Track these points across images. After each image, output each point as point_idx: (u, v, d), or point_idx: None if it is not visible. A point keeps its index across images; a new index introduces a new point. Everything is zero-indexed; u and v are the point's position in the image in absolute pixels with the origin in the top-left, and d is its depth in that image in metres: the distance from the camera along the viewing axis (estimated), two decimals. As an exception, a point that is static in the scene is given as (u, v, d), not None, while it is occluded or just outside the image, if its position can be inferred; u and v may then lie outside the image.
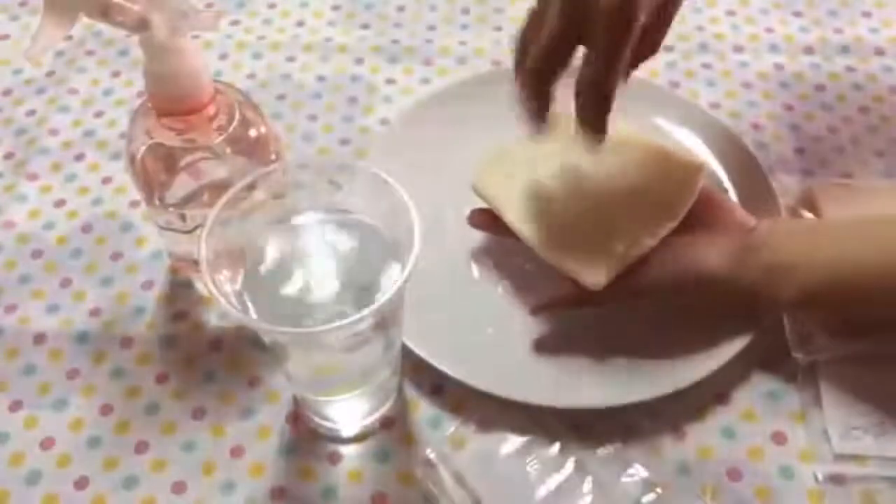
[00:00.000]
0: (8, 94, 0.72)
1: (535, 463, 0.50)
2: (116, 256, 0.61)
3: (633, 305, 0.54)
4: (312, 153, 0.67)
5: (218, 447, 0.52)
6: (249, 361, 0.56)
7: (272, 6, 0.78)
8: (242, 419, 0.53)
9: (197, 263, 0.42)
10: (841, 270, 0.50)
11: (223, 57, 0.74)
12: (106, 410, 0.54)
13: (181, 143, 0.50)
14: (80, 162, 0.67)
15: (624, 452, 0.51)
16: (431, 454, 0.51)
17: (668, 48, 0.71)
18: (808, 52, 0.73)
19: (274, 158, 0.52)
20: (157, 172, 0.51)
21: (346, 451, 0.52)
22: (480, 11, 0.78)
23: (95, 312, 0.58)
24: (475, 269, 0.59)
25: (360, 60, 0.74)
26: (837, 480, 0.50)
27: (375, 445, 0.52)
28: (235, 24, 0.77)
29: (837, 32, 0.75)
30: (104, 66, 0.74)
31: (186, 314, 0.58)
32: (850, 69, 0.72)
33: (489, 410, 0.52)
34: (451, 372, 0.53)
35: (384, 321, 0.45)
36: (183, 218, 0.53)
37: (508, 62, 0.72)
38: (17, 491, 0.51)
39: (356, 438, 0.52)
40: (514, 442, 0.51)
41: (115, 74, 0.73)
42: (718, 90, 0.70)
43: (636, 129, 0.58)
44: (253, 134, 0.51)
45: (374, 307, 0.40)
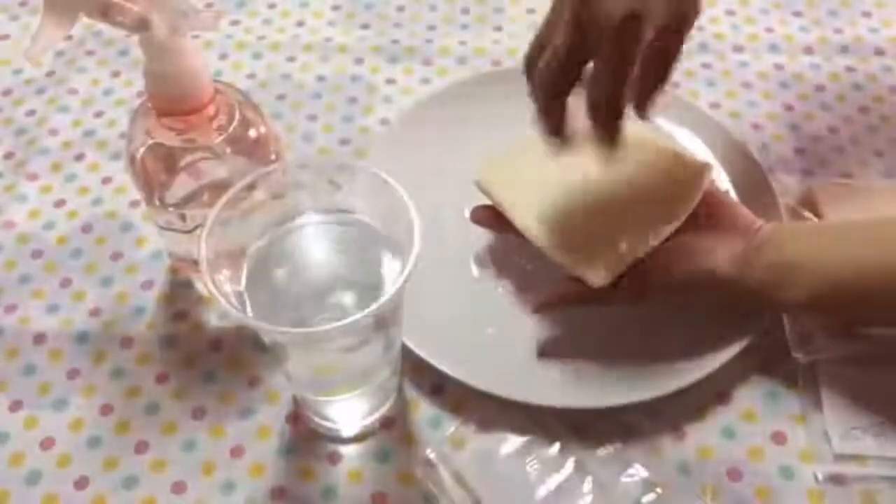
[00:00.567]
0: (8, 94, 0.72)
1: (535, 463, 0.50)
2: (116, 256, 0.61)
3: (634, 305, 0.54)
4: (312, 153, 0.67)
5: (218, 447, 0.52)
6: (249, 361, 0.56)
7: (272, 6, 0.79)
8: (242, 419, 0.53)
9: (197, 263, 0.42)
10: (844, 272, 0.49)
11: (223, 57, 0.74)
12: (106, 410, 0.54)
13: (181, 143, 0.50)
14: (80, 162, 0.67)
15: (624, 452, 0.51)
16: (431, 454, 0.51)
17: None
18: (808, 52, 0.73)
19: (274, 158, 0.52)
20: (157, 172, 0.51)
21: (346, 451, 0.52)
22: (480, 11, 0.78)
23: (95, 312, 0.58)
24: (475, 269, 0.59)
25: (360, 60, 0.74)
26: (837, 480, 0.50)
27: (375, 445, 0.52)
28: (235, 24, 0.77)
29: (837, 32, 0.75)
30: (104, 66, 0.74)
31: (186, 314, 0.58)
32: (850, 69, 0.72)
33: (489, 410, 0.52)
34: (451, 372, 0.53)
35: (384, 321, 0.45)
36: (183, 218, 0.53)
37: (508, 62, 0.73)
38: (17, 491, 0.51)
39: (356, 438, 0.52)
40: (514, 442, 0.51)
41: (115, 74, 0.73)
42: (718, 90, 0.70)
43: (642, 128, 0.58)
44: (253, 134, 0.51)
45: (374, 307, 0.40)
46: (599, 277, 0.52)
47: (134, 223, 0.63)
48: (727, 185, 0.62)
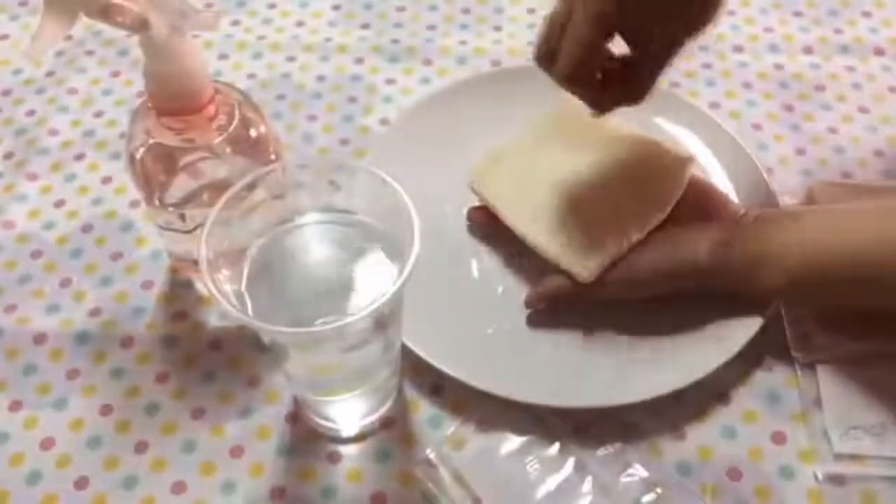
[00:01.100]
0: (8, 94, 0.72)
1: (535, 463, 0.50)
2: (116, 256, 0.61)
3: (623, 298, 0.54)
4: (312, 153, 0.67)
5: (218, 447, 0.52)
6: (249, 361, 0.56)
7: (272, 6, 0.78)
8: (242, 419, 0.53)
9: (197, 263, 0.42)
10: (822, 258, 0.50)
11: (223, 57, 0.74)
12: (106, 410, 0.54)
13: (181, 143, 0.50)
14: (80, 162, 0.67)
15: (624, 452, 0.51)
16: (431, 454, 0.51)
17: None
18: (807, 52, 0.73)
19: (274, 158, 0.52)
20: (156, 172, 0.51)
21: (346, 451, 0.52)
22: (480, 11, 0.78)
23: (95, 312, 0.58)
24: (475, 269, 0.59)
25: (360, 60, 0.74)
26: (837, 480, 0.50)
27: (375, 445, 0.52)
28: (235, 24, 0.77)
29: (837, 32, 0.75)
30: (104, 66, 0.74)
31: (186, 314, 0.58)
32: (850, 69, 0.72)
33: (489, 410, 0.52)
34: (451, 372, 0.53)
35: (384, 321, 0.45)
36: (183, 218, 0.53)
37: (508, 62, 0.73)
38: (17, 491, 0.51)
39: (356, 438, 0.52)
40: (514, 442, 0.51)
41: (115, 74, 0.73)
42: (718, 90, 0.70)
43: (626, 123, 0.59)
44: (253, 134, 0.51)
45: (373, 307, 0.40)
46: (586, 271, 0.53)
47: (134, 223, 0.63)
48: (727, 185, 0.62)
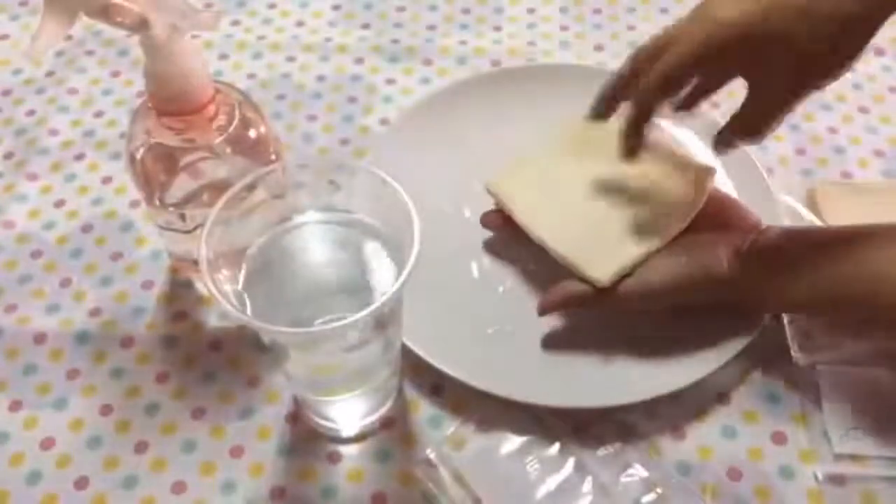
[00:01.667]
0: (8, 94, 0.72)
1: (535, 463, 0.50)
2: (116, 256, 0.61)
3: (638, 308, 0.54)
4: (312, 153, 0.67)
5: (218, 447, 0.52)
6: (249, 361, 0.56)
7: (272, 6, 0.79)
8: (242, 419, 0.53)
9: (197, 263, 0.42)
10: (834, 279, 0.49)
11: (223, 57, 0.74)
12: (106, 410, 0.54)
13: (181, 143, 0.50)
14: (80, 162, 0.67)
15: (624, 452, 0.51)
16: (431, 454, 0.51)
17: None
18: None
19: (274, 158, 0.52)
20: (157, 172, 0.51)
21: (346, 451, 0.52)
22: (480, 11, 0.78)
23: (95, 312, 0.58)
24: (475, 269, 0.59)
25: (360, 60, 0.74)
26: (837, 480, 0.50)
27: (375, 445, 0.52)
28: (235, 24, 0.77)
29: (837, 32, 0.75)
30: (104, 66, 0.74)
31: (186, 314, 0.58)
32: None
33: (489, 410, 0.52)
34: (451, 372, 0.53)
35: (384, 321, 0.45)
36: (183, 218, 0.53)
37: (508, 62, 0.73)
38: (17, 491, 0.51)
39: (356, 438, 0.52)
40: (514, 442, 0.51)
41: (115, 74, 0.73)
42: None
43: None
44: (253, 134, 0.51)
45: (373, 307, 0.40)
46: (604, 277, 0.52)
47: (134, 223, 0.63)
48: (727, 184, 0.62)
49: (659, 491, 0.49)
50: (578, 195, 0.57)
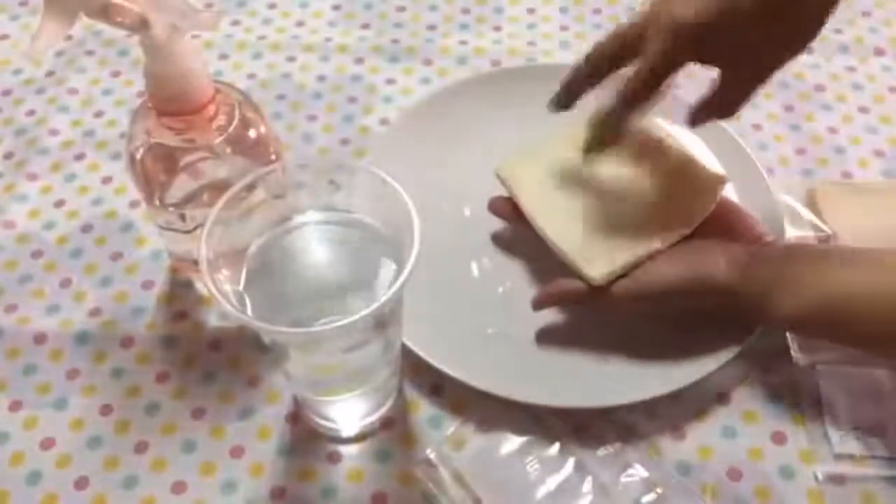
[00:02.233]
0: (8, 94, 0.72)
1: (535, 463, 0.50)
2: (116, 256, 0.61)
3: (630, 310, 0.54)
4: (312, 153, 0.67)
5: (218, 447, 0.52)
6: (249, 361, 0.56)
7: (272, 6, 0.79)
8: (242, 419, 0.53)
9: (197, 263, 0.42)
10: (835, 298, 0.49)
11: (223, 57, 0.74)
12: (106, 410, 0.54)
13: (181, 143, 0.50)
14: (80, 162, 0.67)
15: (624, 452, 0.51)
16: (431, 454, 0.51)
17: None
18: (808, 51, 0.73)
19: (274, 158, 0.52)
20: (157, 172, 0.51)
21: (346, 451, 0.52)
22: (480, 11, 0.78)
23: (95, 312, 0.58)
24: (475, 269, 0.59)
25: (360, 60, 0.74)
26: (837, 480, 0.50)
27: (375, 445, 0.52)
28: (235, 24, 0.77)
29: (837, 32, 0.75)
30: (104, 66, 0.74)
31: (186, 314, 0.58)
32: (850, 69, 0.72)
33: (489, 410, 0.52)
34: (451, 372, 0.53)
35: (384, 321, 0.45)
36: (183, 218, 0.53)
37: (508, 62, 0.73)
38: (17, 491, 0.51)
39: (356, 438, 0.52)
40: (514, 442, 0.51)
41: (115, 74, 0.73)
42: (718, 90, 0.70)
43: (662, 134, 0.58)
44: (253, 134, 0.51)
45: (373, 307, 0.40)
46: (598, 275, 0.52)
47: (134, 223, 0.63)
48: (727, 185, 0.62)
49: (659, 491, 0.49)
50: (585, 191, 0.57)
